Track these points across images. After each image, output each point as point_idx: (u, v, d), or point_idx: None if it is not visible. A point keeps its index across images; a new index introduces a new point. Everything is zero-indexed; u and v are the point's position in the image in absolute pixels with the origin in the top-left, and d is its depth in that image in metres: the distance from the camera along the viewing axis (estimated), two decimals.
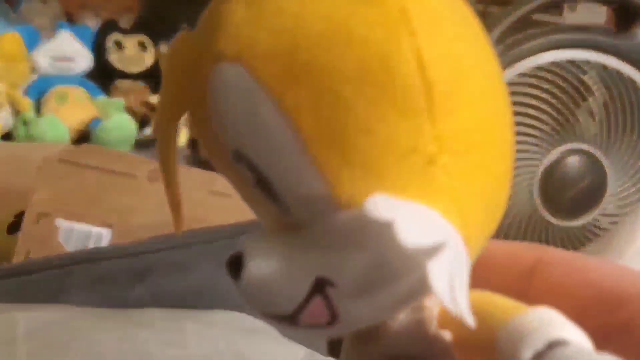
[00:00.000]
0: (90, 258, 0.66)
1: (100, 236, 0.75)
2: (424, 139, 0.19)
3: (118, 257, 0.66)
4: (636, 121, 0.71)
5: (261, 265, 0.21)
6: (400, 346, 0.23)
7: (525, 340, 0.19)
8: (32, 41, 1.23)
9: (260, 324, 0.64)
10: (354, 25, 0.19)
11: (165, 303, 0.62)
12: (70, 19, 1.34)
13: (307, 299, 0.20)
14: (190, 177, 0.81)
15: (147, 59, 1.29)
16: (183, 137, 1.19)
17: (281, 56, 0.19)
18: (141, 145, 1.14)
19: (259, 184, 0.21)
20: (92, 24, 1.33)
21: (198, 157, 1.14)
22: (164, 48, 1.30)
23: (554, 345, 0.19)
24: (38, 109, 1.16)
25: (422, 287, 0.19)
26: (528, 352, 0.19)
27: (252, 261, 0.21)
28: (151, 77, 1.29)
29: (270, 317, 0.22)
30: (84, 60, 1.24)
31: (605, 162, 0.71)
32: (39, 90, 1.19)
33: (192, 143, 1.18)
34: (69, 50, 1.23)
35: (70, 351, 0.49)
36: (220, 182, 0.80)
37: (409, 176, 0.19)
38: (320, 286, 0.20)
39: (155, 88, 1.29)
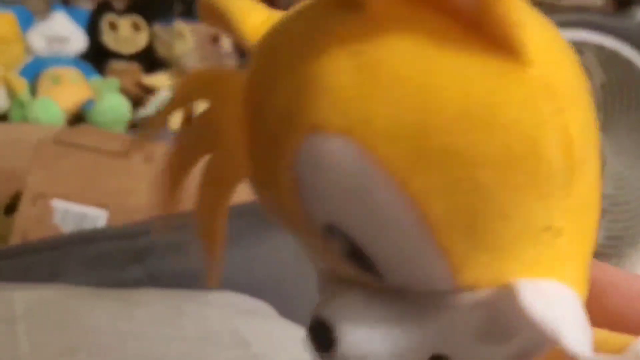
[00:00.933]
0: (87, 239, 0.66)
1: (97, 217, 0.75)
2: (557, 215, 0.18)
3: (115, 238, 0.66)
4: (633, 102, 0.71)
5: (363, 340, 0.20)
6: None
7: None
8: (26, 22, 1.22)
9: (257, 305, 0.64)
10: (497, 105, 0.17)
11: (162, 284, 0.62)
12: (64, 0, 1.34)
13: None
14: None
15: (141, 40, 1.28)
16: (177, 118, 1.19)
17: (407, 136, 0.17)
18: (135, 126, 1.14)
19: (351, 256, 0.19)
20: (87, 5, 1.33)
21: None
22: (157, 28, 1.29)
23: None
24: (32, 91, 1.15)
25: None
26: None
27: (349, 335, 0.20)
28: (145, 58, 1.29)
29: None
30: (78, 41, 1.23)
31: (603, 143, 0.71)
32: (34, 71, 1.18)
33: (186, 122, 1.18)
34: (64, 32, 1.22)
35: (68, 329, 0.49)
36: None
37: (538, 253, 0.18)
38: None
39: (148, 68, 1.28)
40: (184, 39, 1.23)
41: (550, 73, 0.17)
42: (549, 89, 0.17)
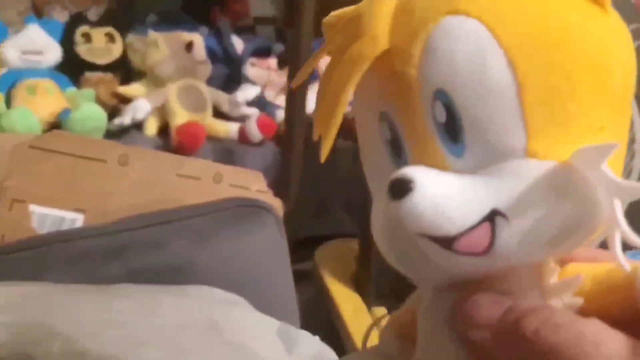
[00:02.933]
0: (66, 238, 0.67)
1: (74, 221, 0.76)
2: (610, 121, 0.25)
3: (94, 236, 0.67)
4: None
5: (437, 187, 0.24)
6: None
7: None
8: (0, 35, 1.23)
9: (232, 298, 0.65)
10: (591, 31, 0.25)
11: (141, 279, 0.63)
12: (39, 13, 1.35)
13: (478, 224, 0.24)
14: (160, 161, 0.82)
15: (116, 50, 1.30)
16: (153, 127, 1.20)
17: (525, 28, 0.25)
18: (112, 135, 1.14)
19: (445, 124, 0.25)
20: (61, 17, 1.33)
21: (167, 145, 1.15)
22: (131, 39, 1.30)
23: None
24: (8, 103, 1.16)
25: (586, 235, 0.25)
26: None
27: (427, 182, 0.24)
28: (120, 68, 1.30)
29: (428, 237, 0.24)
30: (53, 53, 1.25)
31: None
32: (9, 83, 1.19)
33: (162, 132, 1.19)
34: (38, 44, 1.23)
35: (48, 321, 0.50)
36: (188, 165, 0.81)
37: (590, 142, 0.24)
38: (492, 215, 0.24)
39: (123, 79, 1.30)
40: (158, 48, 1.24)
41: (619, 23, 0.27)
42: (620, 32, 0.26)
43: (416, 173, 0.25)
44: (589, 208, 0.24)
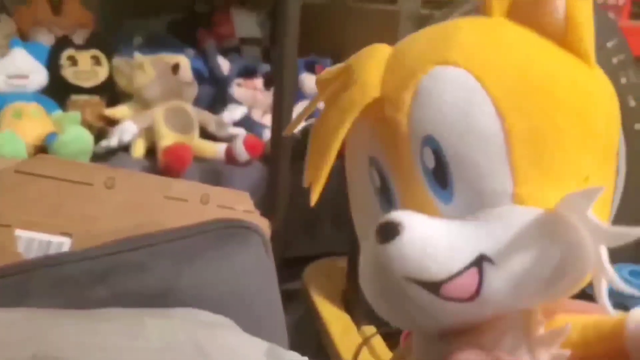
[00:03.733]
0: (50, 263, 0.67)
1: (61, 245, 0.76)
2: (592, 169, 0.26)
3: (78, 260, 0.67)
4: None
5: (425, 230, 0.25)
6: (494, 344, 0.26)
7: None
8: None
9: (219, 319, 0.65)
10: (578, 80, 0.26)
11: (126, 303, 0.63)
12: (24, 37, 1.35)
13: (465, 269, 0.24)
14: (147, 183, 0.82)
15: (102, 73, 1.30)
16: (140, 149, 1.20)
17: (511, 78, 0.25)
18: (98, 157, 1.14)
19: (433, 171, 0.26)
20: (46, 40, 1.34)
21: (155, 167, 1.15)
22: (117, 61, 1.30)
23: None
24: None
25: (574, 282, 0.25)
26: None
27: (415, 225, 0.25)
28: (106, 91, 1.30)
29: (415, 282, 0.24)
30: (38, 76, 1.24)
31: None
32: None
33: (150, 154, 1.19)
34: (24, 68, 1.23)
35: (32, 347, 0.50)
36: (175, 187, 0.81)
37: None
38: (479, 261, 0.24)
39: (110, 101, 1.30)
40: (144, 71, 1.24)
41: (603, 78, 0.28)
42: (603, 84, 0.27)
43: (404, 216, 0.25)
44: (576, 254, 0.24)
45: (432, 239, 0.25)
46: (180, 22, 1.61)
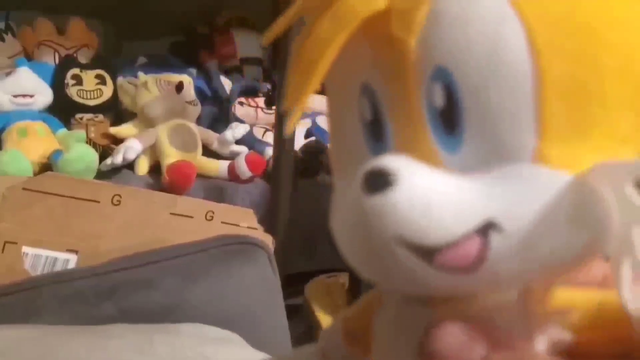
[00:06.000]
0: (58, 279, 0.67)
1: (67, 262, 0.76)
2: (632, 130, 0.21)
3: (85, 277, 0.68)
4: None
5: (425, 187, 0.20)
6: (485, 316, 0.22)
7: None
8: None
9: (227, 335, 0.66)
10: (634, 21, 0.21)
11: (133, 319, 0.64)
12: (29, 56, 1.36)
13: (466, 237, 0.20)
14: (153, 200, 0.83)
15: (106, 92, 1.31)
16: (144, 167, 1.21)
17: (555, 8, 0.20)
18: (103, 175, 1.15)
19: (441, 113, 0.21)
20: (51, 59, 1.35)
21: (159, 184, 1.16)
22: (121, 80, 1.32)
23: None
24: None
25: (584, 259, 0.20)
26: None
27: (413, 179, 0.20)
28: (111, 109, 1.32)
29: (406, 245, 0.20)
30: (43, 95, 1.26)
31: None
32: (0, 127, 1.20)
33: (154, 171, 1.20)
34: (29, 87, 1.24)
35: None
36: (180, 203, 0.82)
37: (609, 155, 0.20)
38: (486, 227, 0.20)
39: (114, 120, 1.31)
40: (148, 90, 1.25)
41: None
42: None
43: (400, 164, 0.21)
44: (601, 235, 0.20)
45: (432, 196, 0.20)
46: (182, 44, 1.62)
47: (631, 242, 0.19)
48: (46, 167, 1.14)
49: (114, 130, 1.26)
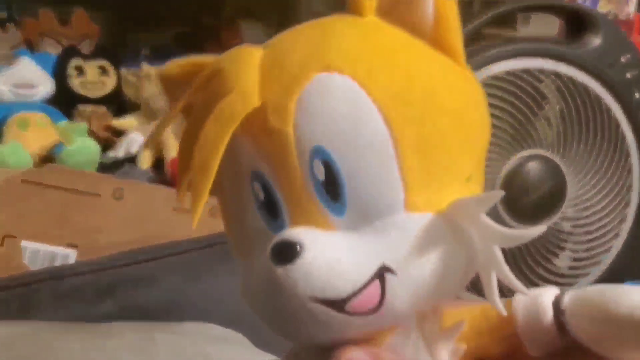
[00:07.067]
0: (56, 275, 0.66)
1: (66, 257, 0.75)
2: (473, 170, 0.26)
3: (84, 273, 0.66)
4: (591, 127, 0.73)
5: (326, 250, 0.24)
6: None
7: (540, 298, 0.26)
8: None
9: (229, 334, 0.64)
10: (455, 82, 0.27)
11: (133, 316, 0.62)
12: (31, 47, 1.34)
13: (369, 282, 0.24)
14: (155, 195, 0.81)
15: (109, 84, 1.29)
16: (147, 160, 1.19)
17: (395, 84, 0.25)
18: (105, 168, 1.14)
19: (325, 184, 0.25)
20: (53, 50, 1.33)
21: (162, 178, 1.14)
22: (124, 72, 1.30)
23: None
24: (0, 137, 1.16)
25: (463, 280, 0.26)
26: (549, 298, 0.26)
27: (315, 245, 0.24)
28: (113, 101, 1.30)
29: (320, 302, 0.24)
30: (45, 86, 1.24)
31: (563, 167, 0.72)
32: (0, 117, 1.18)
33: (157, 165, 1.18)
34: (30, 77, 1.23)
35: None
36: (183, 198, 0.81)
37: (460, 192, 0.25)
38: (381, 271, 0.24)
39: (116, 112, 1.29)
40: (152, 82, 1.23)
41: (473, 77, 0.28)
42: (475, 85, 0.28)
43: (302, 234, 0.24)
44: (469, 255, 0.25)
45: (334, 256, 0.24)
46: (186, 35, 1.61)
47: (495, 257, 0.24)
48: (47, 159, 1.12)
49: (116, 122, 1.25)
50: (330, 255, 0.24)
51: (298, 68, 0.25)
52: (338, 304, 0.24)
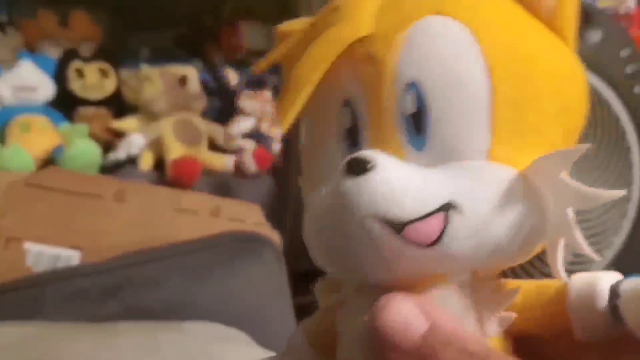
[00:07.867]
0: (62, 276, 0.66)
1: (70, 259, 0.75)
2: (560, 142, 0.26)
3: (90, 274, 0.66)
4: (591, 121, 0.73)
5: (397, 173, 0.25)
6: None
7: (598, 280, 0.25)
8: None
9: (232, 333, 0.64)
10: (562, 58, 0.27)
11: (138, 317, 0.62)
12: (31, 49, 1.34)
13: (433, 212, 0.24)
14: (157, 196, 0.82)
15: (109, 86, 1.29)
16: (148, 161, 1.20)
17: (505, 37, 0.26)
18: (106, 170, 1.14)
19: (412, 116, 0.26)
20: (53, 53, 1.33)
21: (163, 179, 1.14)
22: (124, 74, 1.30)
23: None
24: (1, 140, 1.15)
25: (523, 249, 0.26)
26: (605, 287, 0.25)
27: (387, 166, 0.25)
28: (113, 103, 1.30)
29: (380, 221, 0.24)
30: (46, 89, 1.23)
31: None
32: (2, 120, 1.18)
33: (157, 166, 1.19)
34: (31, 80, 1.22)
35: None
36: (185, 199, 0.81)
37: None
38: (448, 207, 0.24)
39: (117, 114, 1.29)
40: (152, 83, 1.23)
41: (581, 66, 0.28)
42: (581, 71, 0.28)
43: (376, 155, 0.25)
44: (539, 221, 0.25)
45: (403, 180, 0.25)
46: (186, 36, 1.61)
47: (567, 222, 0.24)
48: (48, 162, 1.12)
49: (116, 124, 1.25)
50: (400, 178, 0.24)
51: (413, 8, 0.27)
52: (397, 227, 0.24)
